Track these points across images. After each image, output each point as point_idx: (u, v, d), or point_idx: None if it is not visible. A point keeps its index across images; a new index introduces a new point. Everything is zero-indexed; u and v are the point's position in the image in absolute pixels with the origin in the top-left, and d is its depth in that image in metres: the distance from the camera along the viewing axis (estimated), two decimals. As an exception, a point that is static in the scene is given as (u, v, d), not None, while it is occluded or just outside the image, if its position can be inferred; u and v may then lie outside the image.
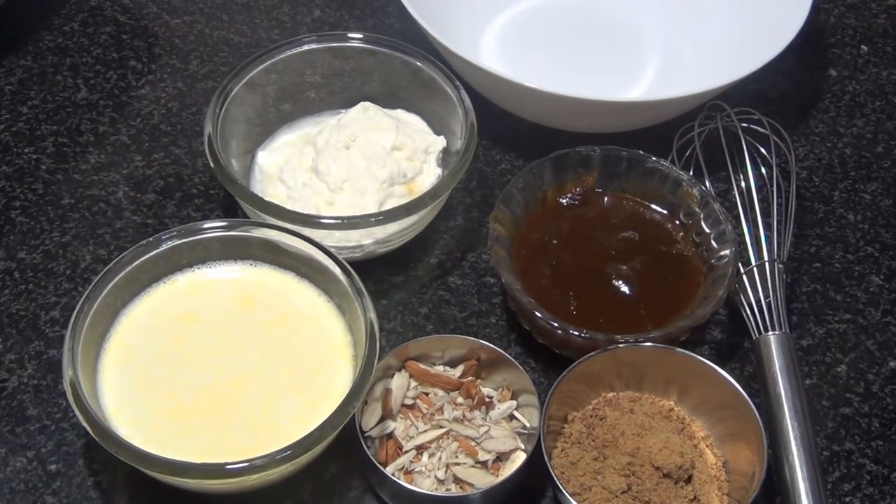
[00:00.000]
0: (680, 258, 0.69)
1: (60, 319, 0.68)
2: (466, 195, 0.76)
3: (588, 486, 0.59)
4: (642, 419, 0.62)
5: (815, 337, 0.70)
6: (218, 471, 0.53)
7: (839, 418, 0.66)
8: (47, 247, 0.72)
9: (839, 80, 0.86)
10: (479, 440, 0.61)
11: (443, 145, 0.73)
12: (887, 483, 0.63)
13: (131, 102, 0.81)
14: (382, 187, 0.69)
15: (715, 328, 0.70)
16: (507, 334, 0.69)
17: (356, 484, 0.62)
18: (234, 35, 0.87)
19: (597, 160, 0.71)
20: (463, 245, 0.74)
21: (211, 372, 0.60)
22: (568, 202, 0.71)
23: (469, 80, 0.75)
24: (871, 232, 0.76)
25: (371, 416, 0.61)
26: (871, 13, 0.92)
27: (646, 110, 0.75)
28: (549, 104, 0.73)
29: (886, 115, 0.83)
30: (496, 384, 0.64)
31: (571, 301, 0.66)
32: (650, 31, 0.87)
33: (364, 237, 0.68)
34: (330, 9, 0.89)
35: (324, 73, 0.76)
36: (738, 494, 0.59)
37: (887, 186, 0.79)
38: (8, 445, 0.63)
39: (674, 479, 0.59)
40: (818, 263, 0.74)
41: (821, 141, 0.81)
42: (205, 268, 0.64)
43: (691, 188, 0.69)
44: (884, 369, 0.68)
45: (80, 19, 0.87)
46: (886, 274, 0.73)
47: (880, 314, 0.71)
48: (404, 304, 0.70)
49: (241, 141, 0.73)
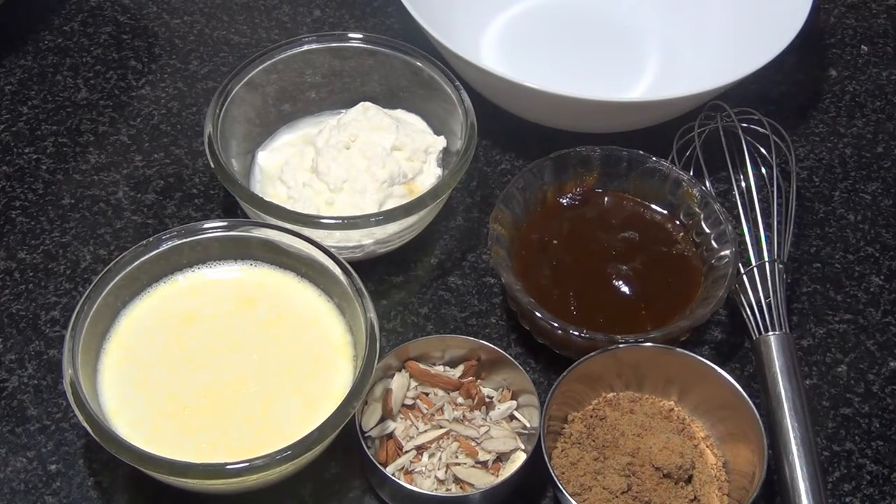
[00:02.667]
0: (680, 258, 0.69)
1: (60, 319, 0.68)
2: (466, 195, 0.76)
3: (588, 487, 0.59)
4: (642, 419, 0.62)
5: (815, 337, 0.70)
6: (218, 471, 0.53)
7: (839, 418, 0.66)
8: (47, 247, 0.72)
9: (839, 80, 0.86)
10: (480, 440, 0.61)
11: (443, 145, 0.73)
12: (887, 483, 0.63)
13: (131, 102, 0.81)
14: (382, 187, 0.69)
15: (715, 328, 0.70)
16: (507, 334, 0.69)
17: (356, 484, 0.62)
18: (234, 35, 0.87)
19: (597, 160, 0.71)
20: (463, 245, 0.74)
21: (211, 372, 0.60)
22: (568, 202, 0.71)
23: (469, 80, 0.75)
24: (872, 232, 0.76)
25: (371, 417, 0.61)
26: (871, 13, 0.92)
27: (646, 110, 0.75)
28: (549, 104, 0.73)
29: (886, 116, 0.83)
30: (496, 384, 0.64)
31: (571, 301, 0.66)
32: (650, 31, 0.87)
33: (364, 237, 0.68)
34: (330, 9, 0.89)
35: (324, 74, 0.76)
36: (739, 494, 0.59)
37: (887, 186, 0.79)
38: (8, 445, 0.63)
39: (674, 479, 0.59)
40: (818, 263, 0.74)
41: (821, 141, 0.81)
42: (205, 268, 0.64)
43: (691, 188, 0.69)
44: (884, 369, 0.68)
45: (80, 19, 0.87)
46: (887, 274, 0.73)
47: (880, 314, 0.71)
48: (404, 304, 0.70)
49: (241, 141, 0.73)
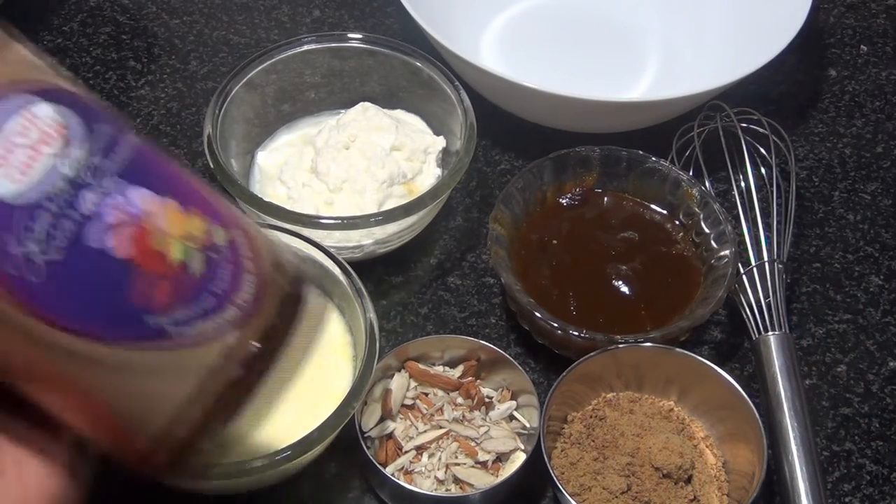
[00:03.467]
0: (680, 258, 0.69)
1: (60, 320, 0.68)
2: (466, 195, 0.76)
3: (588, 487, 0.59)
4: (642, 419, 0.62)
5: (814, 337, 0.70)
6: (217, 472, 0.53)
7: (839, 418, 0.66)
8: (47, 247, 0.72)
9: (839, 80, 0.86)
10: (479, 440, 0.61)
11: (442, 145, 0.73)
12: (887, 483, 0.63)
13: (131, 103, 0.81)
14: (382, 187, 0.69)
15: (715, 328, 0.70)
16: (506, 334, 0.69)
17: (356, 484, 0.62)
18: (234, 35, 0.87)
19: (597, 160, 0.71)
20: (463, 245, 0.74)
21: (211, 372, 0.60)
22: (568, 202, 0.71)
23: (469, 80, 0.75)
24: (871, 232, 0.76)
25: (371, 417, 0.61)
26: (871, 13, 0.92)
27: (646, 110, 0.75)
28: (549, 104, 0.73)
29: (886, 115, 0.83)
30: (496, 384, 0.64)
31: (571, 301, 0.66)
32: (650, 31, 0.87)
33: (364, 237, 0.68)
34: (329, 9, 0.89)
35: (323, 74, 0.76)
36: (738, 495, 0.59)
37: (887, 186, 0.79)
38: (7, 446, 0.63)
39: (674, 479, 0.59)
40: (818, 263, 0.74)
41: (820, 141, 0.81)
42: (204, 268, 0.64)
43: (691, 188, 0.69)
44: (884, 369, 0.68)
45: (80, 19, 0.87)
46: (886, 274, 0.73)
47: (880, 314, 0.71)
48: (404, 304, 0.70)
49: (240, 141, 0.73)
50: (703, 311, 0.64)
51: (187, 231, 0.34)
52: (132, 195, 0.33)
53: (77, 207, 0.32)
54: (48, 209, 0.32)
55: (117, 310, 0.32)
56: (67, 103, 0.33)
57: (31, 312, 0.32)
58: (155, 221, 0.33)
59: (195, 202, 0.35)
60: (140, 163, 0.34)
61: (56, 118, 0.33)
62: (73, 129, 0.33)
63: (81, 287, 0.32)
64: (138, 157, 0.34)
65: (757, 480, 0.57)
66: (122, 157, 0.34)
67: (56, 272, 0.32)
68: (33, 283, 0.32)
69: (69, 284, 0.32)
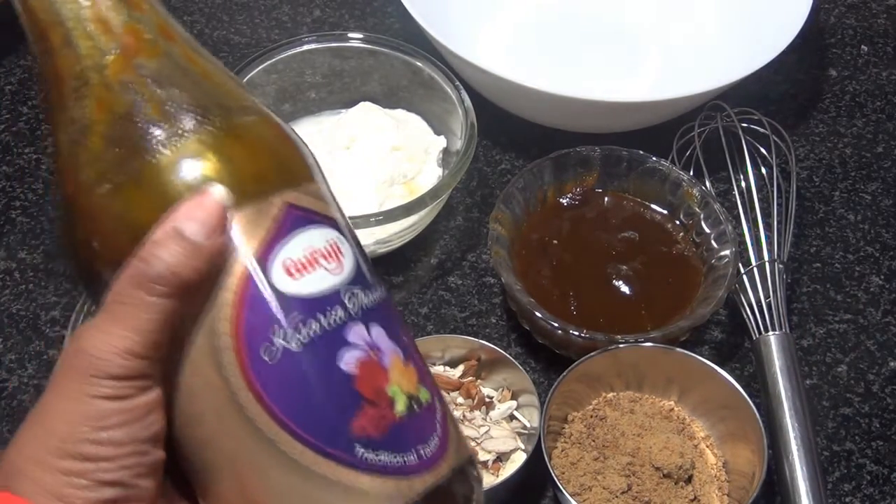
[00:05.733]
0: (680, 258, 0.69)
1: (60, 319, 0.68)
2: (466, 195, 0.76)
3: (588, 487, 0.59)
4: (642, 419, 0.62)
5: (815, 337, 0.70)
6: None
7: (839, 418, 0.66)
8: (47, 247, 0.72)
9: (839, 80, 0.86)
10: (480, 440, 0.61)
11: (443, 145, 0.73)
12: (887, 483, 0.63)
13: (131, 102, 0.81)
14: (382, 187, 0.69)
15: (715, 328, 0.70)
16: (507, 334, 0.69)
17: (356, 484, 0.62)
18: (234, 35, 0.87)
19: (597, 160, 0.71)
20: (463, 245, 0.74)
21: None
22: (568, 202, 0.71)
23: (469, 80, 0.75)
24: (872, 232, 0.76)
25: (371, 417, 0.61)
26: (871, 13, 0.92)
27: (646, 110, 0.75)
28: (549, 104, 0.73)
29: (886, 115, 0.83)
30: (496, 384, 0.64)
31: (571, 301, 0.66)
32: (650, 31, 0.87)
33: (364, 237, 0.68)
34: (330, 9, 0.89)
35: (324, 73, 0.76)
36: (739, 494, 0.59)
37: (887, 186, 0.79)
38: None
39: (674, 479, 0.59)
40: (818, 263, 0.74)
41: (821, 141, 0.81)
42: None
43: (691, 188, 0.69)
44: (884, 369, 0.68)
45: (80, 19, 0.87)
46: (887, 274, 0.73)
47: (880, 314, 0.71)
48: (404, 304, 0.70)
49: (241, 141, 0.73)
50: (703, 311, 0.64)
51: (405, 380, 0.38)
52: (379, 338, 0.38)
53: (342, 333, 0.36)
54: (319, 321, 0.36)
55: (337, 429, 0.36)
56: (350, 241, 0.39)
57: (267, 409, 0.35)
58: (389, 365, 0.37)
59: (412, 358, 0.39)
60: (386, 309, 0.39)
61: (347, 249, 0.38)
62: (353, 262, 0.38)
63: (314, 396, 0.36)
64: (386, 303, 0.39)
65: (757, 480, 0.57)
66: (377, 298, 0.39)
67: (298, 376, 0.35)
68: (276, 378, 0.35)
69: (305, 389, 0.35)
